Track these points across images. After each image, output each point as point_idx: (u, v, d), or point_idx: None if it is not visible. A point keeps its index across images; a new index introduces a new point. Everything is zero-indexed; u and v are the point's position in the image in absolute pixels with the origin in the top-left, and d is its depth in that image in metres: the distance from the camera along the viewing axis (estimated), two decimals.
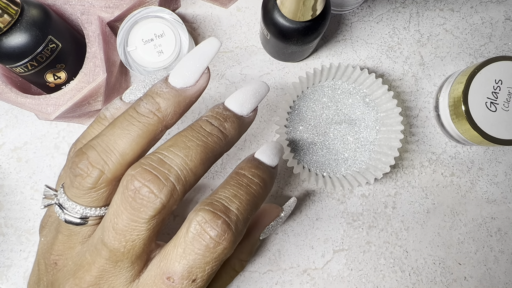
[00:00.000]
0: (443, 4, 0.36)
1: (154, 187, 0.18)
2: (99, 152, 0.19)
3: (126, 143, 0.19)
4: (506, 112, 0.30)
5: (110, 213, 0.19)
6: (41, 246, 0.22)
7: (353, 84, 0.34)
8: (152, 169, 0.18)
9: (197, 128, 0.20)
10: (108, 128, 0.20)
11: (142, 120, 0.19)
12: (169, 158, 0.19)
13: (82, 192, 0.19)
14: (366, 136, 0.34)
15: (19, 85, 0.32)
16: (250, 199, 0.20)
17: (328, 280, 0.34)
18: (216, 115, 0.20)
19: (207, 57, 0.20)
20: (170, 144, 0.19)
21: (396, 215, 0.35)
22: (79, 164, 0.19)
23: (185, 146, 0.19)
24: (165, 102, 0.20)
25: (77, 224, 0.20)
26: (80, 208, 0.20)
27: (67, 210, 0.20)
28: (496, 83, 0.30)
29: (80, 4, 0.30)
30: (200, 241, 0.18)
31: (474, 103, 0.30)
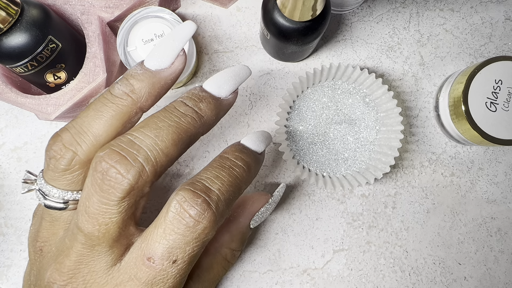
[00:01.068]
0: (443, 4, 0.36)
1: (121, 167, 0.18)
2: (72, 134, 0.19)
3: (99, 125, 0.19)
4: (506, 112, 0.30)
5: (82, 196, 0.19)
6: (30, 235, 0.22)
7: (353, 84, 0.34)
8: (121, 150, 0.18)
9: (170, 109, 0.19)
10: (83, 111, 0.20)
11: (115, 102, 0.19)
12: (139, 138, 0.18)
13: (57, 174, 0.19)
14: (366, 136, 0.34)
15: (19, 85, 0.32)
16: (233, 181, 0.20)
17: (328, 280, 0.34)
18: (191, 95, 0.20)
19: (182, 39, 0.20)
20: (141, 125, 0.19)
21: (396, 215, 0.35)
22: (52, 146, 0.19)
23: (156, 127, 0.19)
24: (139, 84, 0.19)
25: (57, 209, 0.20)
26: (57, 191, 0.19)
27: (46, 195, 0.20)
28: (496, 83, 0.30)
29: (80, 4, 0.30)
30: (180, 220, 0.18)
31: (474, 103, 0.30)
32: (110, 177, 0.18)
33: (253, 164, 0.22)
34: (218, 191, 0.19)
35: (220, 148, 0.35)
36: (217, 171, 0.20)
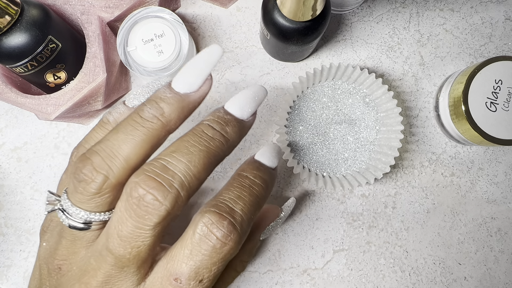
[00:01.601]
0: (443, 4, 0.36)
1: (158, 194, 0.18)
2: (103, 157, 0.19)
3: (130, 148, 0.19)
4: (506, 112, 0.30)
5: (114, 220, 0.19)
6: (43, 251, 0.22)
7: (353, 84, 0.34)
8: (156, 176, 0.18)
9: (199, 132, 0.20)
10: (111, 133, 0.19)
11: (146, 125, 0.19)
12: (173, 164, 0.19)
13: (86, 197, 0.19)
14: (366, 136, 0.34)
15: (19, 85, 0.32)
16: (253, 200, 0.21)
17: (328, 280, 0.34)
18: (218, 119, 0.20)
19: (210, 63, 0.21)
20: (172, 149, 0.19)
21: (396, 215, 0.35)
22: (83, 170, 0.19)
23: (188, 152, 0.19)
24: (169, 107, 0.20)
25: (80, 229, 0.20)
26: (84, 213, 0.20)
27: (70, 216, 0.20)
28: (496, 83, 0.30)
29: (80, 4, 0.30)
30: (207, 242, 0.19)
31: (474, 103, 0.30)
32: (147, 203, 0.18)
33: (270, 181, 0.22)
34: (241, 212, 0.20)
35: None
36: (238, 191, 0.20)
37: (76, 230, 0.20)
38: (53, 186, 0.35)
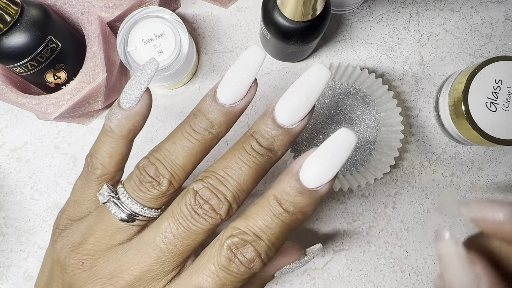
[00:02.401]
0: (443, 4, 0.36)
1: (215, 204, 0.20)
2: (165, 165, 0.21)
3: (186, 158, 0.21)
4: (506, 112, 0.30)
5: (169, 219, 0.21)
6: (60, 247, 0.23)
7: (353, 84, 0.34)
8: (213, 189, 0.20)
9: (248, 149, 0.21)
10: (168, 143, 0.22)
11: (198, 138, 0.21)
12: (226, 181, 0.20)
13: (149, 196, 0.21)
14: (366, 136, 0.34)
15: (19, 85, 0.32)
16: (284, 230, 0.20)
17: (328, 280, 0.34)
18: (266, 134, 0.21)
19: (254, 69, 0.21)
20: (225, 165, 0.21)
21: (396, 215, 0.35)
22: (150, 173, 0.21)
23: (239, 169, 0.21)
24: (218, 120, 0.21)
25: (126, 220, 0.21)
26: (138, 206, 0.21)
27: (125, 207, 0.21)
28: (496, 83, 0.30)
29: (80, 4, 0.30)
30: (231, 265, 0.20)
31: (474, 103, 0.30)
32: (204, 210, 0.20)
33: (312, 208, 0.20)
34: (268, 241, 0.20)
35: (219, 150, 0.35)
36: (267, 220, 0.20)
37: (122, 222, 0.21)
38: (53, 186, 0.35)
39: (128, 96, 0.22)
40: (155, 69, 0.22)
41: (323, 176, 0.19)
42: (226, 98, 0.21)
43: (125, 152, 0.23)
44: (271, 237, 0.20)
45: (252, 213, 0.20)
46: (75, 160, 0.35)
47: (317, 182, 0.19)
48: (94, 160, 0.23)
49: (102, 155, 0.23)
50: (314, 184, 0.19)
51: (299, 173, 0.20)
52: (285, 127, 0.20)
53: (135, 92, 0.22)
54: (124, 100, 0.22)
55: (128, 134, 0.23)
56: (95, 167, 0.23)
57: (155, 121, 0.35)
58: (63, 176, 0.35)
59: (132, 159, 0.36)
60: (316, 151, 0.19)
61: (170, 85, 0.34)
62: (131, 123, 0.22)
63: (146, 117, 0.23)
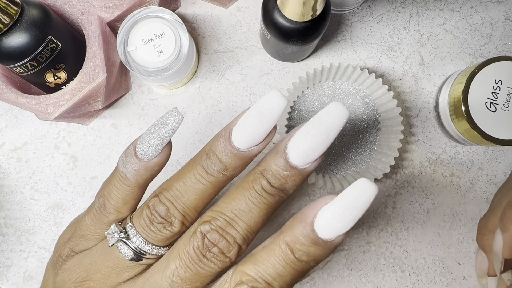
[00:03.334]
0: (443, 4, 0.36)
1: (224, 248, 0.19)
2: (176, 207, 0.20)
3: (198, 200, 0.21)
4: (506, 112, 0.30)
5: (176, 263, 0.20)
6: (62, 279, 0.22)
7: (353, 84, 0.34)
8: (222, 232, 0.20)
9: (259, 190, 0.20)
10: (178, 184, 0.21)
11: (211, 180, 0.20)
12: (235, 223, 0.20)
13: (160, 237, 0.21)
14: (366, 136, 0.34)
15: (19, 85, 0.32)
16: (296, 277, 0.19)
17: (328, 280, 0.34)
18: (278, 175, 0.20)
19: (274, 117, 0.19)
20: (234, 206, 0.20)
21: (396, 215, 0.35)
22: (161, 214, 0.20)
23: (249, 211, 0.20)
24: (233, 164, 0.20)
25: (134, 259, 0.21)
26: (147, 245, 0.21)
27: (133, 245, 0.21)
28: (496, 83, 0.30)
29: (80, 4, 0.30)
30: None
31: (474, 103, 0.30)
32: (213, 254, 0.19)
33: (325, 257, 0.19)
34: None
35: None
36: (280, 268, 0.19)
37: (130, 261, 0.21)
38: (53, 186, 0.35)
39: (146, 149, 0.21)
40: (178, 123, 0.21)
41: (339, 228, 0.18)
42: (242, 143, 0.20)
43: (140, 197, 0.23)
44: (282, 285, 0.19)
45: (263, 258, 0.19)
46: (75, 160, 0.35)
47: (333, 234, 0.18)
48: (107, 204, 0.22)
49: (116, 200, 0.22)
50: (330, 236, 0.18)
51: (313, 223, 0.18)
52: (298, 167, 0.19)
53: (155, 146, 0.21)
54: (142, 152, 0.21)
55: (145, 184, 0.22)
56: (109, 212, 0.22)
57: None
58: (63, 176, 0.35)
59: None
60: (333, 202, 0.18)
61: (170, 85, 0.34)
62: (149, 174, 0.21)
63: (164, 165, 0.22)
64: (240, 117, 0.20)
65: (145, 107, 0.35)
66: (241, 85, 0.35)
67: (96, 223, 0.22)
